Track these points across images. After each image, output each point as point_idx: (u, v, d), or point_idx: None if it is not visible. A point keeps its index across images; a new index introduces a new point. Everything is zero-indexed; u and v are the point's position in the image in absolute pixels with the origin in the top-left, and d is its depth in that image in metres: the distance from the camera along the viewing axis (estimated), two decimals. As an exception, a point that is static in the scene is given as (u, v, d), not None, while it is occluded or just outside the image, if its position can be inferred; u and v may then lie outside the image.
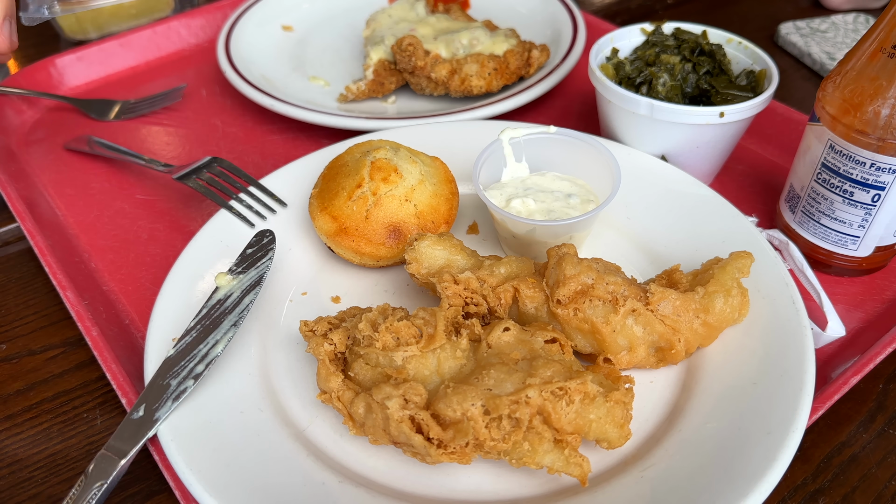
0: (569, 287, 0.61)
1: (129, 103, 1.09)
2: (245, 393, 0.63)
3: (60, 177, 0.96)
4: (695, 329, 0.62)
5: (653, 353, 0.63)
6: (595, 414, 0.54)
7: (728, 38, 0.90)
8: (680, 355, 0.62)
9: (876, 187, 0.69)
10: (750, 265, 0.64)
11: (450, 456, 0.54)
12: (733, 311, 0.62)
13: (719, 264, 0.64)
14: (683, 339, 0.62)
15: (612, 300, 0.61)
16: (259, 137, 1.03)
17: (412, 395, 0.55)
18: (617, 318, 0.61)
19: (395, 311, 0.62)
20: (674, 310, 0.61)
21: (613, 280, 0.62)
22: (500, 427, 0.53)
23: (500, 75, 1.01)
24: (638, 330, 0.62)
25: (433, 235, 0.68)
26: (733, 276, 0.63)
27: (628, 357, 0.62)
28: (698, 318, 0.62)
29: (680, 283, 0.65)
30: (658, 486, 0.55)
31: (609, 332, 0.61)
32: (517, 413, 0.53)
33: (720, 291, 0.62)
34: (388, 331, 0.59)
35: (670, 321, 0.61)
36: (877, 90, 0.65)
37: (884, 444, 0.64)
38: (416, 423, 0.54)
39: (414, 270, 0.66)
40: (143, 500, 0.62)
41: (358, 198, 0.73)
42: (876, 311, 0.75)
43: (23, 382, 0.72)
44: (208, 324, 0.64)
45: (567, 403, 0.54)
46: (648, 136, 0.84)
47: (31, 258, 0.86)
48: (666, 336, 0.61)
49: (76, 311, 0.72)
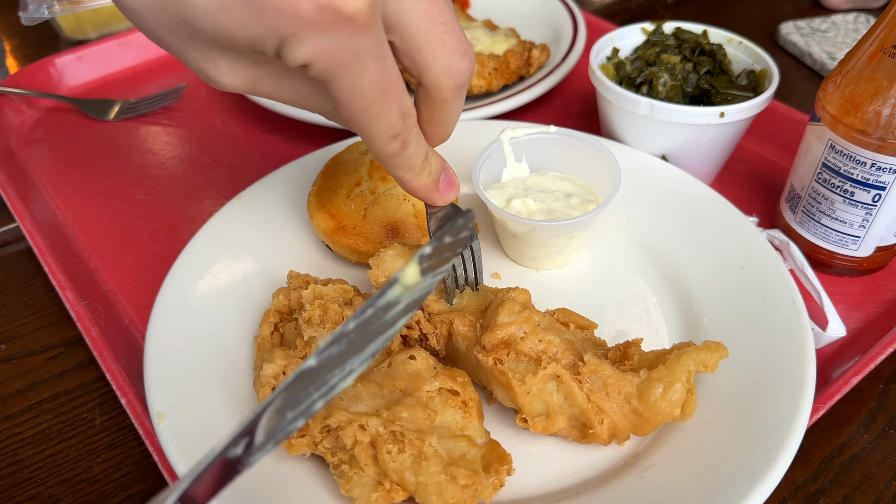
0: (495, 335, 0.57)
1: (129, 103, 1.09)
2: (245, 393, 0.63)
3: (60, 177, 0.96)
4: (624, 414, 0.55)
5: (577, 426, 0.57)
6: (424, 478, 0.51)
7: (728, 37, 0.90)
8: (600, 437, 0.55)
9: (876, 187, 0.69)
10: (717, 361, 0.55)
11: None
12: (671, 406, 0.54)
13: (681, 350, 0.56)
14: (608, 421, 0.55)
15: (536, 359, 0.56)
16: (259, 137, 1.03)
17: (292, 370, 0.55)
18: (534, 380, 0.55)
19: (356, 299, 0.63)
20: (603, 387, 0.55)
21: (549, 339, 0.57)
22: (331, 437, 0.53)
23: (500, 75, 1.01)
24: (558, 398, 0.56)
25: (400, 245, 0.66)
26: (687, 368, 0.54)
27: (545, 423, 0.56)
28: (630, 404, 0.55)
29: (630, 358, 0.58)
30: (658, 486, 0.55)
31: (523, 392, 0.55)
32: (343, 432, 0.52)
33: (662, 381, 0.54)
34: (319, 307, 0.60)
35: (596, 398, 0.55)
36: (877, 90, 0.65)
37: (884, 444, 0.64)
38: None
39: (373, 277, 0.64)
40: (142, 500, 0.62)
41: (356, 196, 0.73)
42: (877, 312, 0.75)
43: (22, 382, 0.72)
44: (361, 338, 0.42)
45: (398, 451, 0.51)
46: (649, 136, 0.84)
47: (31, 258, 0.86)
48: (587, 414, 0.55)
49: (76, 311, 0.72)
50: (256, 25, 0.39)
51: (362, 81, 0.43)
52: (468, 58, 0.49)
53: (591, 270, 0.77)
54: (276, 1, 0.38)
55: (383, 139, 0.48)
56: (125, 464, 0.64)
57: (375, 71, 0.43)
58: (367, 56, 0.42)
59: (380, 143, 0.49)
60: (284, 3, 0.38)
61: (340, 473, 0.53)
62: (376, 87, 0.44)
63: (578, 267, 0.77)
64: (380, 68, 0.43)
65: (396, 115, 0.47)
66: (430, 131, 0.54)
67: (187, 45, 0.43)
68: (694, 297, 0.71)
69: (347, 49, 0.40)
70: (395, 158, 0.51)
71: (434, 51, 0.47)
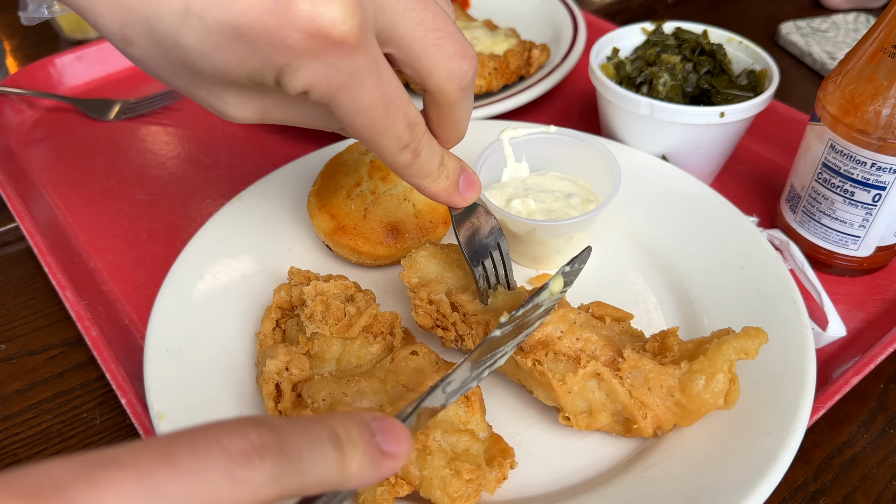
0: (532, 336, 0.57)
1: (129, 103, 1.09)
2: (245, 393, 0.63)
3: (60, 177, 0.96)
4: (667, 407, 0.55)
5: (620, 421, 0.57)
6: (428, 472, 0.51)
7: (729, 37, 0.90)
8: (644, 432, 0.56)
9: (877, 187, 0.69)
10: (758, 347, 0.55)
11: None
12: (714, 397, 0.54)
13: (721, 339, 0.55)
14: (651, 415, 0.55)
15: (575, 357, 0.56)
16: (259, 137, 1.03)
17: (295, 367, 0.56)
18: (575, 379, 0.55)
19: (356, 295, 0.63)
20: (645, 382, 0.55)
21: (586, 336, 0.57)
22: None
23: (500, 75, 1.01)
24: (600, 395, 0.56)
25: (433, 246, 0.66)
26: (728, 357, 0.54)
27: (588, 420, 0.56)
28: (673, 397, 0.55)
29: (671, 349, 0.58)
30: (658, 486, 0.55)
31: (564, 391, 0.56)
32: None
33: (704, 372, 0.54)
34: (321, 303, 0.60)
35: (638, 393, 0.55)
36: (877, 90, 0.65)
37: (884, 444, 0.64)
38: (280, 391, 0.56)
39: (405, 279, 0.65)
40: (142, 500, 0.62)
41: (356, 196, 0.73)
42: (877, 311, 0.75)
43: (22, 382, 0.72)
44: (516, 327, 0.54)
45: None
46: (649, 136, 0.84)
47: (31, 258, 0.86)
48: (630, 409, 0.55)
49: (75, 311, 0.72)
50: (252, 60, 0.40)
51: (363, 100, 0.43)
52: (469, 57, 0.49)
53: (591, 270, 0.77)
54: (266, 34, 0.38)
55: (394, 151, 0.48)
56: (125, 464, 0.64)
57: (374, 88, 0.43)
58: (364, 75, 0.42)
59: (391, 156, 0.49)
60: (274, 35, 0.38)
61: None
62: (377, 103, 0.44)
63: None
64: (378, 84, 0.43)
65: (403, 127, 0.47)
66: (442, 134, 0.53)
67: (193, 86, 0.44)
68: (694, 297, 0.71)
69: (342, 71, 0.41)
70: (409, 168, 0.51)
71: (433, 57, 0.47)
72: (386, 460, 0.38)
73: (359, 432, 0.37)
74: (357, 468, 0.37)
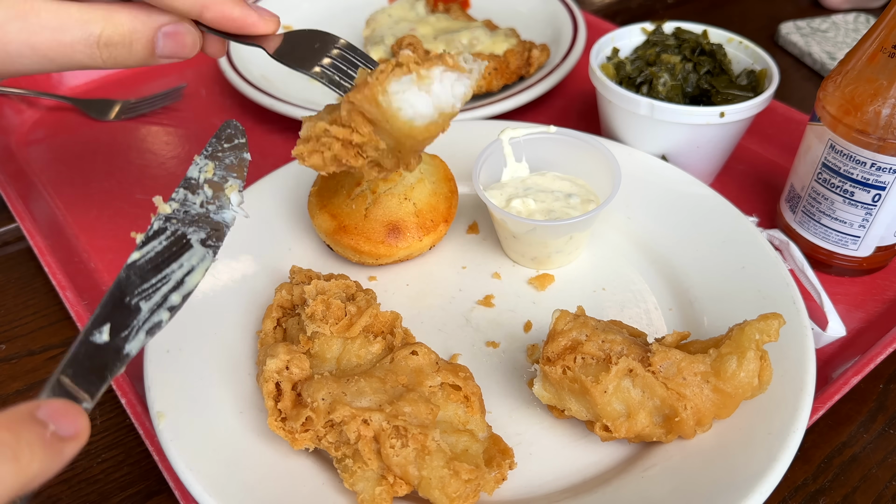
0: (558, 343, 0.57)
1: (129, 103, 1.09)
2: (245, 393, 0.63)
3: (60, 177, 0.96)
4: (706, 395, 0.54)
5: (659, 421, 0.56)
6: (427, 472, 0.52)
7: (728, 37, 0.90)
8: (687, 425, 0.54)
9: (876, 187, 0.69)
10: (778, 328, 0.55)
11: (284, 431, 0.55)
12: (749, 375, 0.54)
13: (741, 326, 0.56)
14: (691, 405, 0.54)
15: (604, 358, 0.56)
16: (259, 137, 1.03)
17: (295, 366, 0.56)
18: (609, 377, 0.54)
19: (357, 294, 0.63)
20: (678, 371, 0.54)
21: (610, 338, 0.57)
22: (334, 432, 0.54)
23: (500, 75, 1.01)
24: (636, 393, 0.55)
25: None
26: (752, 337, 0.55)
27: (628, 424, 0.55)
28: (708, 383, 0.55)
29: (689, 348, 0.58)
30: (658, 486, 0.55)
31: (600, 392, 0.54)
32: (347, 427, 0.52)
33: (734, 353, 0.54)
34: (322, 302, 0.60)
35: (674, 384, 0.54)
36: (877, 90, 0.65)
37: (884, 444, 0.64)
38: (280, 390, 0.56)
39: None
40: (143, 500, 0.62)
41: (357, 196, 0.73)
42: (876, 312, 0.75)
43: (22, 382, 0.72)
44: (177, 234, 0.52)
45: (402, 445, 0.52)
46: (649, 136, 0.84)
47: (31, 258, 0.86)
48: (669, 401, 0.54)
49: (76, 311, 0.72)
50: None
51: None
52: None
53: (591, 270, 0.77)
54: None
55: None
56: (125, 464, 0.64)
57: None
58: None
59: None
60: None
61: (344, 468, 0.54)
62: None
63: (578, 267, 0.77)
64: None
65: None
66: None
67: None
68: (694, 297, 0.71)
69: None
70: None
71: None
72: (68, 444, 0.38)
73: (30, 431, 0.36)
74: (39, 466, 0.36)
